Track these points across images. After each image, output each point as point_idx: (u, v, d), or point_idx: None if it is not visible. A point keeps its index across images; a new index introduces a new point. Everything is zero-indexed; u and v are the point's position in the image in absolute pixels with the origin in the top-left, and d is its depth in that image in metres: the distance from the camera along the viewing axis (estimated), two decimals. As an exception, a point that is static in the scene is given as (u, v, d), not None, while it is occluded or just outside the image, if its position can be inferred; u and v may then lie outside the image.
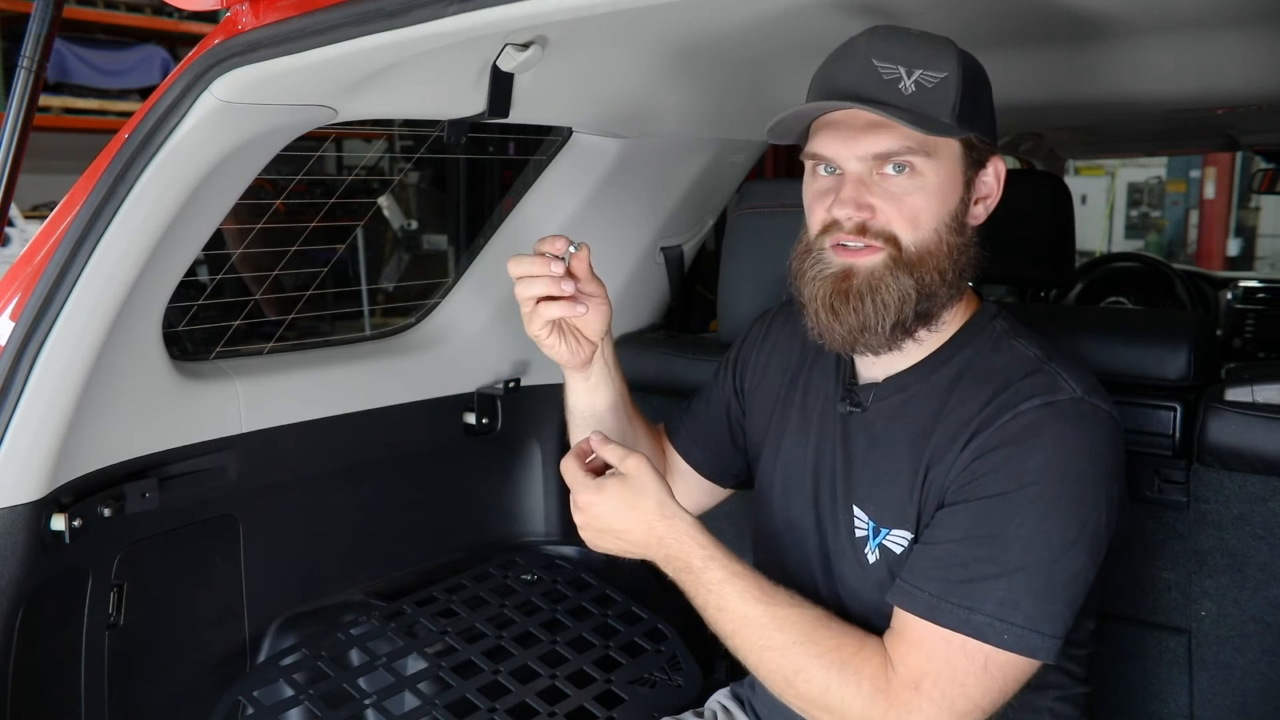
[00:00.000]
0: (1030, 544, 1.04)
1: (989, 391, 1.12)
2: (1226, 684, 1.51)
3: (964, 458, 1.10)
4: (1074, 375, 1.11)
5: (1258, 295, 3.63)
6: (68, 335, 1.23)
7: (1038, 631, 1.03)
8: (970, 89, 1.12)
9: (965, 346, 1.19)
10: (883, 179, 1.13)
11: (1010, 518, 1.05)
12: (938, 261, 1.14)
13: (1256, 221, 11.37)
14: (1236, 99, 1.86)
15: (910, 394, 1.19)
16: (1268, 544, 1.43)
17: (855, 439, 1.24)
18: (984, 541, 1.06)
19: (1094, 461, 1.07)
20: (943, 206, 1.14)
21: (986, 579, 1.04)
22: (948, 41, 1.13)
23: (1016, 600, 1.03)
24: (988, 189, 1.19)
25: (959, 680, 1.04)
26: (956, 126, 1.11)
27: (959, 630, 1.04)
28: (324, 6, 1.09)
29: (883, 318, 1.13)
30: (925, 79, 1.10)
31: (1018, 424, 1.07)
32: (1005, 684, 1.05)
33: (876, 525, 1.19)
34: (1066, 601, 1.05)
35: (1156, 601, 1.55)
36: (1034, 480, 1.05)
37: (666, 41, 1.43)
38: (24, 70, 1.33)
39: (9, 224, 1.59)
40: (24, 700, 1.29)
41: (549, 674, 1.53)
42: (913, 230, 1.13)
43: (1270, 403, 1.42)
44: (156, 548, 1.46)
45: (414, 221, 6.05)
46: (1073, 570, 1.05)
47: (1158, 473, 1.52)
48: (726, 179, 2.10)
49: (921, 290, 1.13)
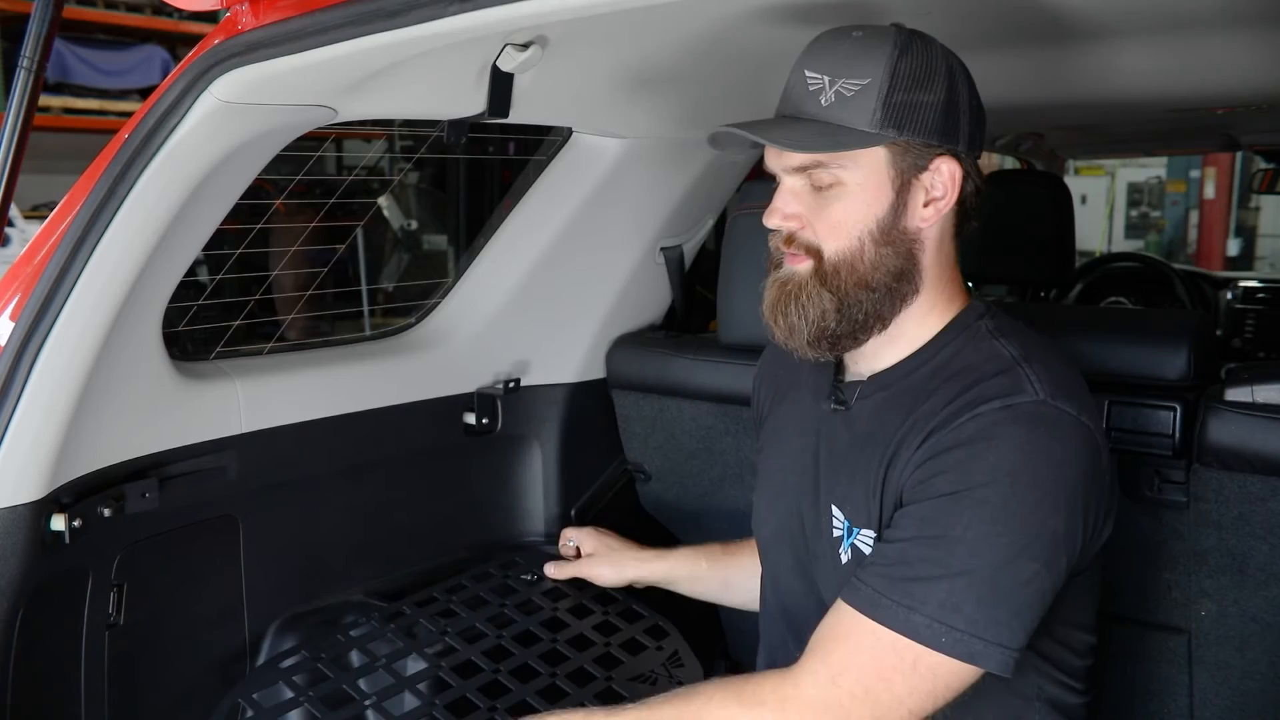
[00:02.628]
0: (976, 548, 1.03)
1: (955, 390, 1.11)
2: (1226, 684, 1.51)
3: (918, 456, 1.10)
4: (1045, 377, 1.09)
5: (1258, 295, 3.63)
6: (68, 335, 1.23)
7: (979, 637, 1.01)
8: (902, 93, 1.10)
9: (947, 345, 1.18)
10: (812, 190, 1.15)
11: (958, 519, 1.04)
12: (860, 274, 1.14)
13: (1256, 221, 11.36)
14: (1236, 99, 1.86)
15: (891, 391, 1.19)
16: (1268, 544, 1.43)
17: (839, 437, 1.23)
18: (931, 542, 1.05)
19: (1052, 467, 1.05)
20: (867, 213, 1.13)
21: (930, 579, 1.03)
22: (886, 43, 1.11)
23: (958, 604, 1.02)
24: (940, 190, 1.15)
25: (884, 676, 1.03)
26: (876, 134, 1.10)
27: (895, 628, 1.03)
28: (324, 6, 1.09)
29: (804, 326, 1.16)
30: (846, 88, 1.10)
31: (974, 425, 1.06)
32: (936, 686, 1.03)
33: (850, 525, 1.18)
34: (1014, 609, 1.03)
35: (1156, 601, 1.55)
36: (983, 482, 1.04)
37: (666, 41, 1.43)
38: (24, 70, 1.33)
39: (9, 224, 1.59)
40: (24, 700, 1.29)
41: (549, 672, 1.53)
42: (834, 239, 1.14)
43: (1270, 403, 1.42)
44: (156, 548, 1.46)
45: (414, 221, 6.05)
46: (1022, 578, 1.03)
47: (1158, 473, 1.52)
48: (726, 179, 2.10)
49: (842, 303, 1.15)
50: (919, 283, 1.17)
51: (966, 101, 1.15)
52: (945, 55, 1.14)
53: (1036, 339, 1.18)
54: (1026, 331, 1.19)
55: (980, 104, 1.18)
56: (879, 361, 1.21)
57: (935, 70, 1.12)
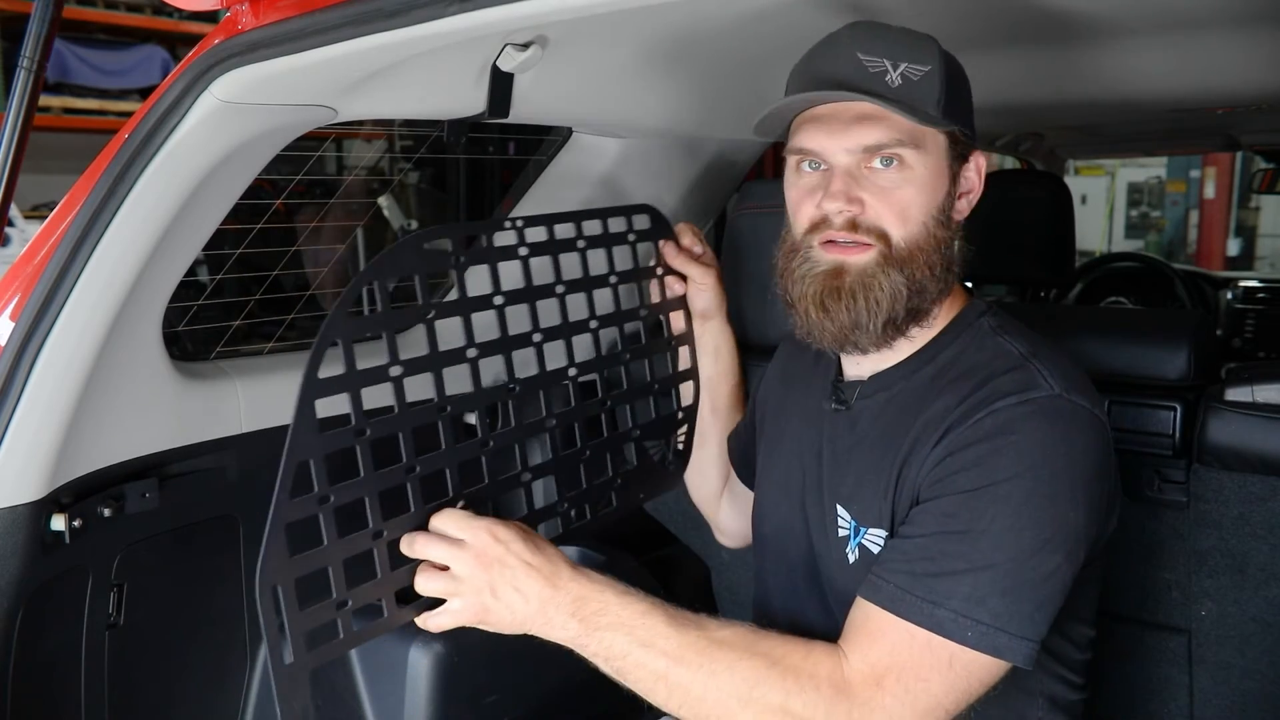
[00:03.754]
0: (1000, 541, 1.02)
1: (967, 388, 1.11)
2: (1226, 684, 1.51)
3: (936, 454, 1.09)
4: (1056, 372, 1.09)
5: (1258, 295, 3.63)
6: (68, 335, 1.23)
7: (1004, 631, 1.01)
8: (953, 84, 1.13)
9: (950, 344, 1.18)
10: (871, 173, 1.13)
11: (981, 514, 1.03)
12: (927, 256, 1.14)
13: (1256, 221, 11.36)
14: (1236, 99, 1.86)
15: (894, 391, 1.19)
16: (1268, 544, 1.43)
17: (841, 438, 1.23)
18: (953, 537, 1.04)
19: (1071, 460, 1.05)
20: (931, 200, 1.14)
21: (954, 574, 1.02)
22: (928, 37, 1.14)
23: (983, 597, 1.01)
24: (969, 184, 1.19)
25: (922, 676, 1.02)
26: (943, 119, 1.11)
27: (922, 624, 1.02)
28: (324, 6, 1.09)
29: (875, 315, 1.13)
30: (911, 72, 1.10)
31: (991, 421, 1.06)
32: (970, 684, 1.03)
33: (858, 525, 1.18)
34: (1037, 602, 1.03)
35: (1156, 601, 1.55)
36: (1006, 477, 1.03)
37: (666, 41, 1.43)
38: (24, 70, 1.33)
39: (9, 224, 1.59)
40: (24, 700, 1.29)
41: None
42: (902, 225, 1.12)
43: (1270, 403, 1.42)
44: (156, 548, 1.46)
45: (414, 221, 6.05)
46: (1045, 570, 1.03)
47: (1158, 473, 1.52)
48: (726, 179, 2.10)
49: (913, 286, 1.13)
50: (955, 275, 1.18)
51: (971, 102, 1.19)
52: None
53: (1037, 336, 1.18)
54: (1027, 330, 1.20)
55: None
56: (881, 361, 1.21)
57: (958, 68, 1.17)
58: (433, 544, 1.11)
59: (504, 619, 1.10)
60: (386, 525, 1.11)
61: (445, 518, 1.13)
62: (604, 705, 1.36)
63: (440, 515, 1.14)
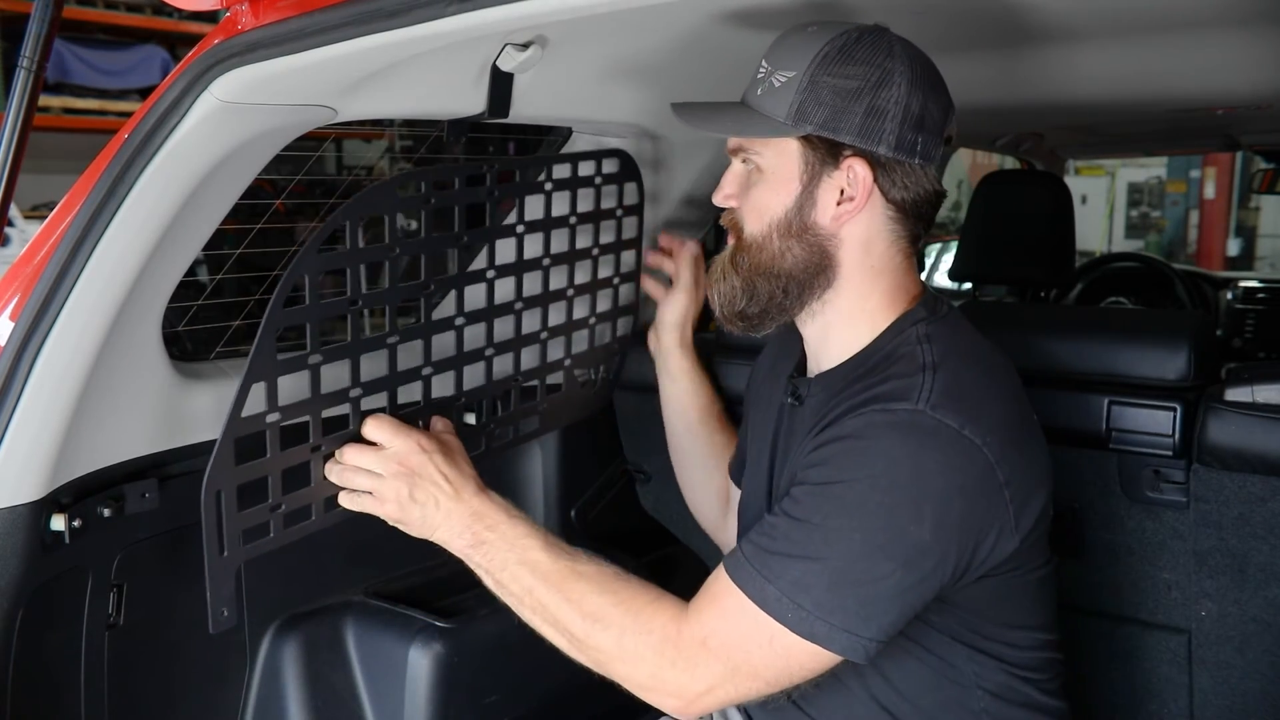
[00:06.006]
0: (830, 538, 1.06)
1: (860, 389, 1.13)
2: (1226, 684, 1.51)
3: (809, 444, 1.13)
4: (940, 387, 1.08)
5: (1258, 295, 3.63)
6: (68, 335, 1.23)
7: (824, 620, 1.04)
8: (822, 89, 1.11)
9: (882, 349, 1.19)
10: (745, 174, 1.22)
11: (818, 508, 1.07)
12: (763, 261, 1.19)
13: (1256, 221, 11.37)
14: (1236, 99, 1.87)
15: (830, 391, 1.20)
16: (1268, 544, 1.43)
17: (794, 433, 1.26)
18: (794, 523, 1.08)
19: (917, 475, 1.05)
20: (775, 203, 1.18)
21: (787, 556, 1.07)
22: (823, 40, 1.12)
23: (809, 585, 1.05)
24: (849, 190, 1.16)
25: (744, 647, 1.07)
26: (787, 125, 1.13)
27: (751, 597, 1.06)
28: (324, 6, 1.09)
29: (718, 305, 1.25)
30: (778, 79, 1.14)
31: (853, 423, 1.09)
32: (790, 665, 1.07)
33: None
34: (863, 600, 1.05)
35: (1156, 601, 1.55)
36: (846, 479, 1.07)
37: (667, 41, 1.44)
38: (24, 70, 1.33)
39: (9, 224, 1.59)
40: (24, 700, 1.29)
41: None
42: (752, 223, 1.20)
43: (1270, 403, 1.42)
44: (156, 548, 1.46)
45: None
46: (875, 574, 1.04)
47: (1158, 473, 1.52)
48: (726, 179, 2.10)
49: (746, 286, 1.21)
50: (834, 280, 1.19)
51: (904, 107, 1.12)
52: (901, 59, 1.12)
53: (970, 348, 1.17)
54: (962, 338, 1.18)
55: (937, 110, 1.15)
56: (824, 361, 1.25)
57: (870, 72, 1.11)
58: (363, 451, 1.25)
59: (415, 521, 1.24)
60: (325, 440, 1.25)
61: (377, 422, 1.27)
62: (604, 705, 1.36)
63: (372, 420, 1.27)
